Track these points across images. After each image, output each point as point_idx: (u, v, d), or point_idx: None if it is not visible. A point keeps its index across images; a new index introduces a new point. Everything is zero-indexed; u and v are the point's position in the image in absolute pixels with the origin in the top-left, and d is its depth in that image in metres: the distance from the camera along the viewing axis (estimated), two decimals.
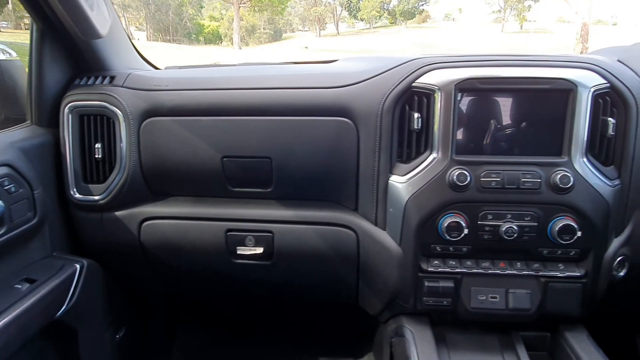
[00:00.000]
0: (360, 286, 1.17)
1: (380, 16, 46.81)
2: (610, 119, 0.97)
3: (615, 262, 1.01)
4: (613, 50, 1.20)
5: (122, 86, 1.12)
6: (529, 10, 42.35)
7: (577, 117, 0.94)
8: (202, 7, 43.38)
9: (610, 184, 0.98)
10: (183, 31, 39.53)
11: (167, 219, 1.14)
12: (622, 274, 1.02)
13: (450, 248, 1.00)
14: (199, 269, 1.20)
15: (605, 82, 0.96)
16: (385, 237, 1.04)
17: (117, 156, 1.11)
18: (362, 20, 47.46)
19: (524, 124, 0.98)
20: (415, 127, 0.99)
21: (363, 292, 1.18)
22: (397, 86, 1.00)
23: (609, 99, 0.98)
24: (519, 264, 1.01)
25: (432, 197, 0.98)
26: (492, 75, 0.96)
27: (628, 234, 1.02)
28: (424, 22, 47.02)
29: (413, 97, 1.00)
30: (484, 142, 0.99)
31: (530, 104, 0.98)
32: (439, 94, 0.96)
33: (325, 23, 49.20)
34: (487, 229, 0.98)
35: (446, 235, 0.97)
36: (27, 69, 1.22)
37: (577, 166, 0.96)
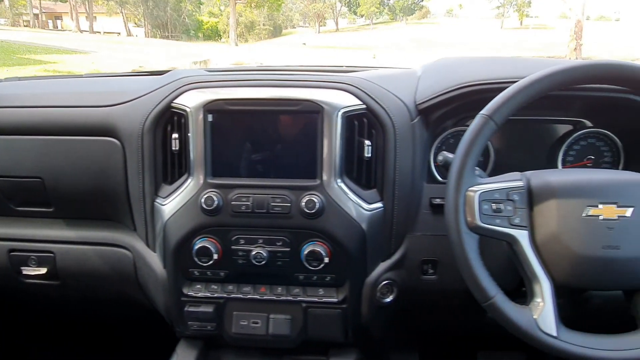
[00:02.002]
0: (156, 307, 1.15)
1: (380, 12, 46.62)
2: (366, 141, 0.94)
3: (380, 287, 0.98)
4: (427, 64, 1.17)
5: None
6: (529, 6, 42.05)
7: (327, 139, 0.91)
8: (201, 4, 43.33)
9: (369, 208, 0.94)
10: (182, 27, 39.52)
11: None
12: (389, 299, 0.98)
13: (208, 272, 0.98)
14: None
15: (360, 103, 0.92)
16: (154, 260, 1.02)
17: None
18: (361, 16, 47.29)
19: (280, 145, 0.95)
20: (174, 148, 0.96)
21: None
22: (156, 107, 0.97)
23: (367, 121, 0.94)
24: (280, 289, 0.99)
25: (187, 220, 0.95)
26: (239, 96, 0.93)
27: (397, 259, 0.99)
28: (424, 17, 46.77)
29: (173, 118, 0.97)
30: (241, 165, 0.96)
31: (284, 125, 0.95)
32: (191, 115, 0.94)
33: (325, 19, 49.05)
34: (240, 253, 0.95)
35: (196, 259, 0.94)
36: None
37: (329, 190, 0.92)
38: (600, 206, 0.71)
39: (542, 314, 0.71)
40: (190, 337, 1.06)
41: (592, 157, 1.05)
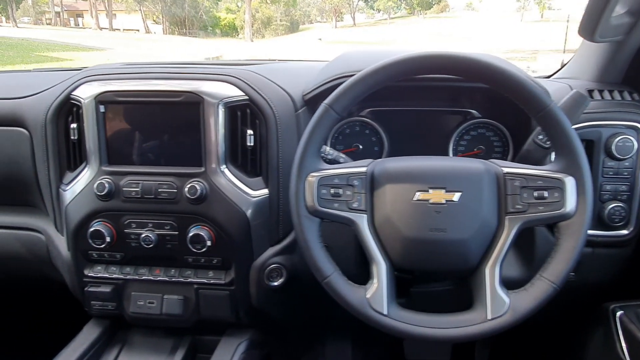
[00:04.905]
0: None
1: (397, 6, 46.17)
2: (249, 130, 0.98)
3: (267, 271, 1.02)
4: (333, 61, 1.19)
5: None
6: None
7: (210, 128, 0.96)
8: (219, 0, 43.57)
9: (254, 195, 0.99)
10: (199, 24, 39.86)
11: None
12: (278, 282, 1.02)
13: (106, 255, 1.04)
14: None
15: (242, 94, 0.97)
16: (62, 242, 1.09)
17: None
18: (379, 10, 46.92)
19: (168, 135, 1.00)
20: (73, 137, 1.03)
21: None
22: (57, 98, 1.04)
23: (249, 111, 0.99)
24: (173, 270, 1.04)
25: (83, 205, 1.02)
26: (127, 89, 0.98)
27: (287, 244, 1.03)
28: (442, 12, 46.10)
29: (72, 109, 1.03)
30: (133, 153, 1.02)
31: (171, 116, 1.00)
32: (85, 106, 1.00)
33: (342, 14, 48.78)
34: (132, 237, 1.01)
35: (91, 242, 1.01)
36: None
37: (213, 177, 0.97)
38: (430, 191, 0.74)
39: (375, 293, 0.74)
40: (99, 317, 1.12)
41: (483, 147, 1.07)
